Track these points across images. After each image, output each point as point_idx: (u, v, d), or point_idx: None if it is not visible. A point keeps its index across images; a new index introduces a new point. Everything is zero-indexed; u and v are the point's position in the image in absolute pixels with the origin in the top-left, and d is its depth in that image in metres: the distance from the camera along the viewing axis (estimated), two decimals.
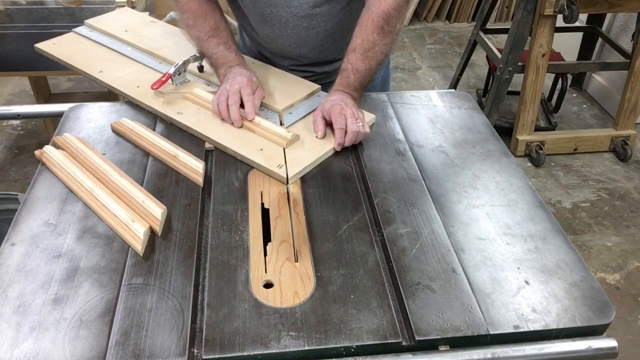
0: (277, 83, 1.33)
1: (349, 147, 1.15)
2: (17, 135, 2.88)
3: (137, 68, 1.39)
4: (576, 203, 2.58)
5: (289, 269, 0.88)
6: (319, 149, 1.13)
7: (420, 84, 3.53)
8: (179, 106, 1.23)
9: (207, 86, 1.31)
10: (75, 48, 1.47)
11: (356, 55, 1.17)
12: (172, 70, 1.26)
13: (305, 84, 1.33)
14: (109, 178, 1.03)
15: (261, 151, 1.11)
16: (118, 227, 0.93)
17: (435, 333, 0.79)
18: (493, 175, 1.11)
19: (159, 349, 0.75)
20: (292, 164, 1.08)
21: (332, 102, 1.15)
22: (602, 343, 0.81)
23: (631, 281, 2.18)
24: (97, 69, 1.37)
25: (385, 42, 1.17)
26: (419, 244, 0.93)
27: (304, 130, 1.18)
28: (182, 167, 1.07)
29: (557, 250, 0.94)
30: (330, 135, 1.15)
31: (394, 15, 1.15)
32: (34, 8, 2.39)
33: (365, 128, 1.13)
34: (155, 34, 1.53)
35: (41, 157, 1.10)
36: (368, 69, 1.18)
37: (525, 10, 2.48)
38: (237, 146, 1.12)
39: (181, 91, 1.27)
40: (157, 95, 1.26)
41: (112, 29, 1.54)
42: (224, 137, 1.14)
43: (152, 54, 1.44)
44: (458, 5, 4.28)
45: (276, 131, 1.14)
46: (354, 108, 1.14)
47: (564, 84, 2.96)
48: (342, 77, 1.20)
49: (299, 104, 1.27)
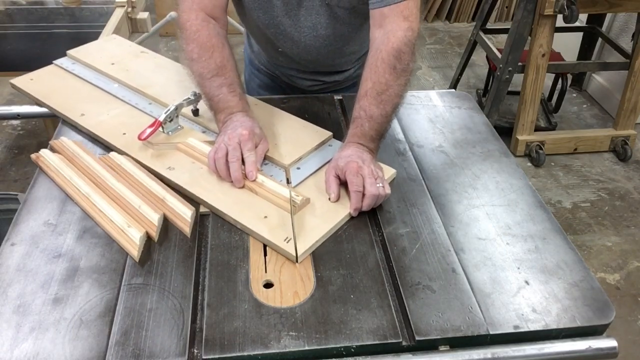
0: (283, 131, 1.17)
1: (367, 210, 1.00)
2: (17, 135, 2.88)
3: (123, 110, 1.22)
4: (576, 203, 2.58)
5: (289, 269, 0.88)
6: (333, 216, 0.97)
7: (420, 84, 3.53)
8: (169, 160, 1.08)
9: (203, 134, 1.15)
10: (55, 84, 1.31)
11: (369, 100, 1.04)
12: (162, 117, 1.10)
13: (315, 131, 1.17)
14: (105, 183, 1.01)
15: (265, 219, 0.95)
16: (114, 232, 0.92)
17: (435, 333, 0.79)
18: (493, 175, 1.11)
19: (159, 349, 0.75)
20: (301, 237, 0.92)
21: (347, 159, 1.00)
22: (602, 343, 0.81)
23: (631, 281, 2.18)
24: (78, 111, 1.21)
25: (399, 83, 1.05)
26: (419, 244, 0.93)
27: (315, 191, 1.02)
28: (168, 213, 0.96)
29: (557, 250, 0.94)
30: (345, 197, 1.00)
31: (405, 51, 1.05)
32: (34, 8, 2.39)
33: (387, 189, 0.99)
34: (145, 68, 1.37)
35: (37, 161, 1.09)
36: (383, 114, 1.04)
37: (525, 10, 2.48)
38: (237, 213, 0.96)
39: (173, 141, 1.11)
40: (146, 145, 1.10)
41: (97, 61, 1.39)
42: (222, 200, 0.99)
43: (142, 93, 1.28)
44: (458, 5, 4.27)
45: (282, 194, 0.98)
46: (372, 165, 0.99)
47: (564, 84, 2.96)
48: (355, 125, 1.05)
49: (308, 156, 1.11)
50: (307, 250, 0.91)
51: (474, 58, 3.35)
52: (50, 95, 1.27)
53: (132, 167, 1.05)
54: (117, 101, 1.26)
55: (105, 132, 1.15)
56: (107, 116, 1.20)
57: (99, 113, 1.21)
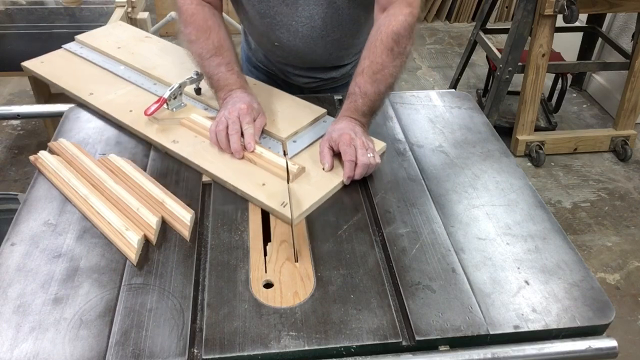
0: (281, 108, 1.24)
1: (359, 179, 1.06)
2: (17, 135, 2.88)
3: (130, 89, 1.30)
4: (576, 203, 2.58)
5: (289, 269, 0.88)
6: (326, 184, 1.04)
7: (420, 84, 3.53)
8: (174, 134, 1.15)
9: (205, 111, 1.22)
10: (65, 67, 1.38)
11: (364, 78, 1.10)
12: (167, 95, 1.17)
13: (310, 108, 1.25)
14: (103, 185, 1.01)
15: (263, 186, 1.02)
16: (112, 235, 0.92)
17: (435, 333, 0.79)
18: (493, 175, 1.11)
19: (159, 349, 0.75)
20: (297, 202, 0.99)
21: (341, 131, 1.06)
22: (602, 343, 0.81)
23: (631, 281, 2.18)
24: (87, 91, 1.28)
25: (395, 65, 1.10)
26: (419, 244, 0.93)
27: (310, 161, 1.09)
28: (167, 216, 0.96)
29: (557, 250, 0.94)
30: (338, 167, 1.07)
31: (404, 35, 1.10)
32: (34, 8, 2.39)
33: (377, 159, 1.06)
34: (150, 52, 1.44)
35: (36, 163, 1.09)
36: (377, 92, 1.10)
37: (525, 10, 2.48)
38: (237, 181, 1.03)
39: (177, 117, 1.18)
40: (151, 121, 1.17)
41: (104, 45, 1.46)
42: (222, 170, 1.05)
43: (147, 74, 1.35)
44: (458, 5, 4.28)
45: (279, 164, 1.05)
46: (363, 137, 1.06)
47: (564, 84, 2.96)
48: (349, 101, 1.12)
49: (303, 131, 1.19)
50: (302, 214, 0.97)
51: (474, 58, 3.35)
52: (61, 76, 1.34)
53: (131, 170, 1.05)
54: (123, 82, 1.33)
55: (113, 110, 1.22)
56: (115, 95, 1.27)
57: (106, 92, 1.28)
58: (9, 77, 3.21)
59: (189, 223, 0.94)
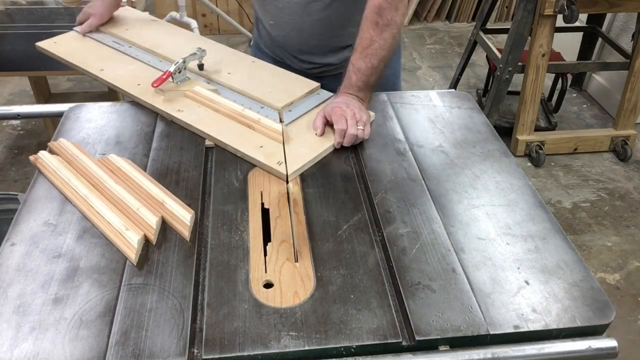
0: (278, 81, 1.34)
1: (349, 147, 1.15)
2: (17, 135, 2.88)
3: (137, 66, 1.39)
4: (576, 203, 2.58)
5: (289, 269, 0.88)
6: (318, 146, 1.14)
7: (420, 84, 3.53)
8: (179, 104, 1.25)
9: (207, 84, 1.32)
10: (76, 46, 1.48)
11: (356, 55, 1.17)
12: (172, 68, 1.26)
13: (304, 82, 1.34)
14: (103, 185, 1.01)
15: (261, 148, 1.12)
16: (112, 235, 0.92)
17: (435, 333, 0.79)
18: (493, 175, 1.11)
19: (159, 349, 0.75)
20: (291, 161, 1.09)
21: (334, 105, 1.16)
22: (602, 343, 0.81)
23: (631, 281, 2.18)
24: (98, 67, 1.38)
25: (384, 37, 1.15)
26: (419, 244, 0.93)
27: (304, 128, 1.19)
28: (167, 216, 0.96)
29: (557, 250, 0.94)
30: (330, 133, 1.16)
31: (385, 7, 1.14)
32: (34, 8, 2.39)
33: (365, 133, 1.14)
34: (156, 33, 1.54)
35: (36, 163, 1.09)
36: (370, 67, 1.17)
37: (525, 10, 2.48)
38: (237, 143, 1.13)
39: (181, 89, 1.28)
40: (158, 93, 1.27)
41: (113, 27, 1.55)
42: (224, 134, 1.16)
43: (153, 52, 1.44)
44: (458, 5, 4.28)
45: (276, 128, 1.16)
46: (355, 109, 1.14)
47: (564, 84, 2.96)
48: (345, 78, 1.20)
49: (298, 102, 1.28)
50: (296, 171, 1.07)
51: (474, 58, 3.35)
52: (73, 55, 1.44)
53: (130, 170, 1.05)
54: (131, 59, 1.43)
55: (122, 84, 1.32)
56: (124, 71, 1.37)
57: (116, 68, 1.38)
58: (9, 77, 3.21)
59: (189, 223, 0.94)
